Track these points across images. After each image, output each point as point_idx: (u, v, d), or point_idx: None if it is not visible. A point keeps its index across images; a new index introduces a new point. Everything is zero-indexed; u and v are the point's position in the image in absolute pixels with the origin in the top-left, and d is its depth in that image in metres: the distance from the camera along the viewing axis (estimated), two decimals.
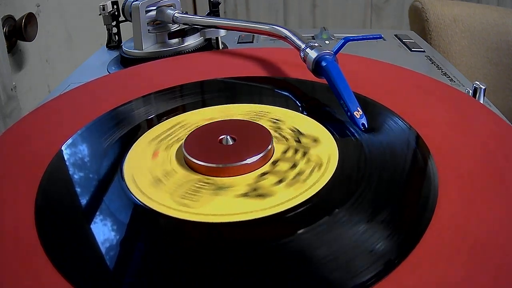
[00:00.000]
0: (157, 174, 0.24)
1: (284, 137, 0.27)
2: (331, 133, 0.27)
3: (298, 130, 0.27)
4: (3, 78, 0.53)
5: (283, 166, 0.24)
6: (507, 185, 0.22)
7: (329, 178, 0.23)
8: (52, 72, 0.68)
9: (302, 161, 0.24)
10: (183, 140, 0.26)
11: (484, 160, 0.24)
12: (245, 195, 0.22)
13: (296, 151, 0.25)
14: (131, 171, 0.25)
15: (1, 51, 0.53)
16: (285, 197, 0.22)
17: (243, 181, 0.23)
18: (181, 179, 0.24)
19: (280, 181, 0.23)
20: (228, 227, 0.20)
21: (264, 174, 0.24)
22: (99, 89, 0.36)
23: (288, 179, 0.23)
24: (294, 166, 0.24)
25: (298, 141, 0.26)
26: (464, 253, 0.18)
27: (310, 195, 0.22)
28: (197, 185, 0.23)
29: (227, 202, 0.22)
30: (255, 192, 0.22)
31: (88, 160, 0.26)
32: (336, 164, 0.24)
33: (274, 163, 0.25)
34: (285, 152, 0.25)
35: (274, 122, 0.29)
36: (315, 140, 0.26)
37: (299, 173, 0.23)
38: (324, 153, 0.25)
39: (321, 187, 0.22)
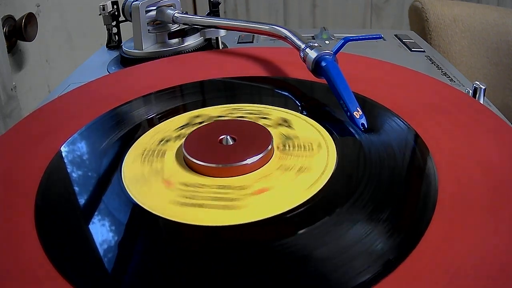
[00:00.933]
0: (159, 178, 0.24)
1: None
2: (330, 133, 0.27)
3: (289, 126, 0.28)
4: (3, 78, 0.53)
5: (284, 161, 0.24)
6: (507, 184, 0.22)
7: (328, 178, 0.23)
8: (52, 72, 0.68)
9: (302, 155, 0.24)
10: (183, 140, 0.26)
11: (484, 160, 0.24)
12: (245, 195, 0.22)
13: (291, 145, 0.25)
14: (130, 172, 0.25)
15: (1, 51, 0.53)
16: (284, 197, 0.22)
17: (240, 182, 0.23)
18: (182, 180, 0.24)
19: (279, 180, 0.23)
20: (228, 228, 0.20)
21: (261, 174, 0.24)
22: (99, 89, 0.36)
23: (288, 177, 0.23)
24: (294, 164, 0.24)
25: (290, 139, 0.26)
26: (464, 253, 0.18)
27: (310, 195, 0.22)
28: (198, 186, 0.23)
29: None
30: (254, 192, 0.22)
31: (88, 160, 0.26)
32: (335, 164, 0.24)
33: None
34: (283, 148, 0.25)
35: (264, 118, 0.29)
36: (313, 141, 0.26)
37: (300, 170, 0.23)
38: (324, 152, 0.25)
39: (320, 187, 0.22)
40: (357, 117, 0.27)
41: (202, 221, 0.21)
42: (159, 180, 0.24)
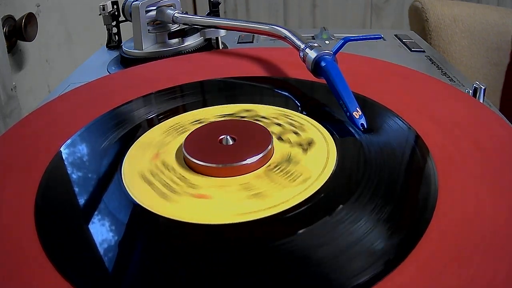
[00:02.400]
0: (158, 176, 0.24)
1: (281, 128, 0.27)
2: (330, 132, 0.27)
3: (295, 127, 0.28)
4: (3, 78, 0.53)
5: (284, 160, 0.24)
6: (507, 184, 0.22)
7: (328, 178, 0.23)
8: (52, 72, 0.68)
9: (303, 157, 0.24)
10: (183, 140, 0.26)
11: (484, 160, 0.24)
12: (244, 195, 0.22)
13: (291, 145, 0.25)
14: (130, 171, 0.25)
15: (1, 51, 0.53)
16: (284, 197, 0.22)
17: (238, 181, 0.23)
18: (184, 180, 0.24)
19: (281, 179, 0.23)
20: (227, 228, 0.20)
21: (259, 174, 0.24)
22: (99, 89, 0.37)
23: (288, 176, 0.23)
24: (294, 163, 0.24)
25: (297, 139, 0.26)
26: (464, 253, 0.18)
27: (310, 195, 0.22)
28: (201, 186, 0.23)
29: (227, 203, 0.22)
30: (253, 192, 0.22)
31: (88, 160, 0.26)
32: (335, 163, 0.24)
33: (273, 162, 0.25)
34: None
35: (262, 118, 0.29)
36: (311, 141, 0.26)
37: (298, 170, 0.23)
38: (323, 151, 0.25)
39: (320, 187, 0.22)
40: (357, 117, 0.27)
41: (202, 220, 0.21)
42: (159, 179, 0.24)
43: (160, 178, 0.24)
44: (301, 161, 0.24)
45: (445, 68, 0.44)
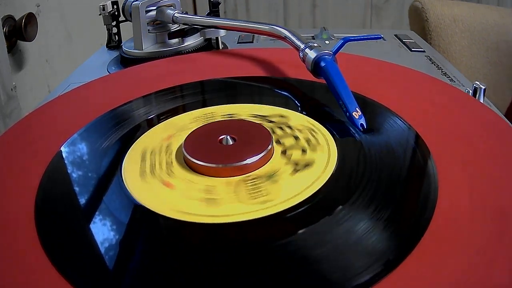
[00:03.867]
0: (158, 176, 0.24)
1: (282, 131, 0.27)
2: (330, 133, 0.27)
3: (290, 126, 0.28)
4: (3, 78, 0.53)
5: (284, 160, 0.24)
6: (507, 184, 0.22)
7: (328, 178, 0.23)
8: (52, 72, 0.68)
9: (303, 156, 0.24)
10: (183, 140, 0.26)
11: (484, 159, 0.24)
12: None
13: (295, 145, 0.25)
14: (131, 171, 0.25)
15: (1, 51, 0.53)
16: (283, 198, 0.22)
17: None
18: (182, 180, 0.24)
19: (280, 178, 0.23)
20: (228, 227, 0.20)
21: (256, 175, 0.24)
22: (99, 89, 0.37)
23: (288, 176, 0.23)
24: (295, 162, 0.24)
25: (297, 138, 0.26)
26: (464, 253, 0.18)
27: (310, 195, 0.22)
28: (200, 186, 0.23)
29: (227, 203, 0.22)
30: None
31: (88, 160, 0.26)
32: (335, 164, 0.24)
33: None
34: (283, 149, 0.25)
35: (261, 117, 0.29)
36: (312, 138, 0.26)
37: (299, 170, 0.23)
38: (324, 152, 0.25)
39: (320, 187, 0.22)
40: (356, 117, 0.27)
41: (202, 220, 0.21)
42: (159, 179, 0.24)
43: (154, 158, 0.24)
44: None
45: (445, 68, 0.44)
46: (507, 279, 0.17)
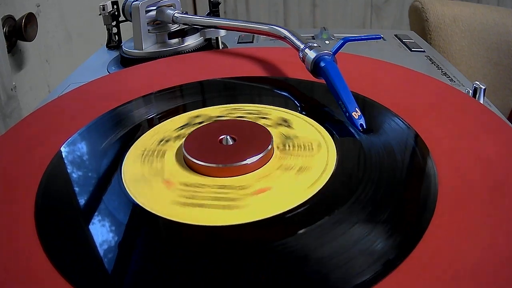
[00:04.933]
0: (159, 178, 0.24)
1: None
2: (330, 133, 0.27)
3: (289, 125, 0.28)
4: (3, 78, 0.53)
5: (284, 161, 0.24)
6: (507, 184, 0.22)
7: (328, 178, 0.23)
8: (52, 72, 0.68)
9: (302, 155, 0.24)
10: (183, 140, 0.26)
11: (483, 159, 0.24)
12: (245, 195, 0.22)
13: (291, 145, 0.25)
14: (130, 172, 0.25)
15: (1, 51, 0.53)
16: (284, 197, 0.22)
17: (240, 182, 0.23)
18: (182, 180, 0.24)
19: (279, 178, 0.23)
20: (227, 228, 0.20)
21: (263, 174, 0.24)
22: (99, 89, 0.37)
23: (288, 177, 0.23)
24: (296, 162, 0.24)
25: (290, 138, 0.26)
26: (464, 253, 0.18)
27: (310, 195, 0.22)
28: (198, 186, 0.23)
29: (227, 203, 0.22)
30: (254, 192, 0.22)
31: (88, 160, 0.26)
32: (335, 164, 0.24)
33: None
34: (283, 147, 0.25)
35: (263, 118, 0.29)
36: (313, 143, 0.26)
37: (300, 170, 0.23)
38: (324, 152, 0.25)
39: (320, 187, 0.22)
40: (356, 117, 0.27)
41: (202, 221, 0.21)
42: (159, 180, 0.24)
43: (154, 158, 0.25)
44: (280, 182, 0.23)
45: (445, 68, 0.44)
46: (507, 278, 0.17)
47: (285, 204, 0.21)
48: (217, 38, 0.48)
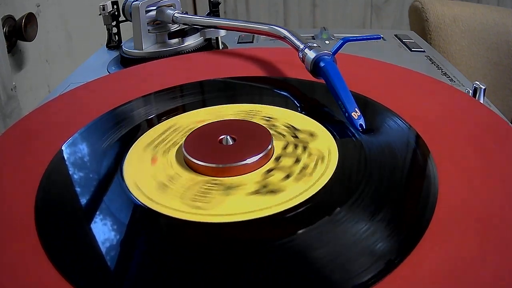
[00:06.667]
0: (161, 179, 0.24)
1: (280, 133, 0.27)
2: (330, 133, 0.27)
3: (293, 126, 0.28)
4: (3, 78, 0.53)
5: (286, 162, 0.24)
6: (507, 184, 0.22)
7: (328, 178, 0.23)
8: (52, 72, 0.68)
9: (304, 156, 0.24)
10: (183, 141, 0.26)
11: (483, 159, 0.24)
12: (256, 192, 0.22)
13: (296, 146, 0.25)
14: (131, 171, 0.25)
15: (1, 51, 0.53)
16: (284, 198, 0.22)
17: (250, 180, 0.23)
18: (187, 182, 0.24)
19: (286, 177, 0.23)
20: (228, 226, 0.20)
21: (269, 171, 0.24)
22: (99, 89, 0.37)
23: (295, 174, 0.23)
24: (297, 161, 0.24)
25: (296, 137, 0.26)
26: (464, 253, 0.18)
27: (310, 195, 0.22)
28: (205, 187, 0.23)
29: (238, 201, 0.22)
30: (266, 189, 0.22)
31: (88, 160, 0.26)
32: (336, 164, 0.24)
33: (277, 159, 0.25)
34: (285, 148, 0.25)
35: (268, 120, 0.29)
36: (312, 135, 0.26)
37: (304, 168, 0.23)
38: (324, 148, 0.25)
39: (321, 187, 0.22)
40: (355, 117, 0.27)
41: (198, 219, 0.21)
42: (159, 179, 0.24)
43: (161, 176, 0.24)
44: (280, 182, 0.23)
45: (445, 68, 0.44)
46: (507, 278, 0.17)
47: (285, 204, 0.21)
48: (217, 38, 0.48)
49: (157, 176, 0.24)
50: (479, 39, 0.70)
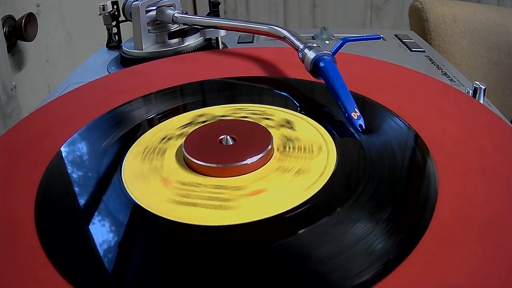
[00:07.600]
0: (157, 176, 0.24)
1: (280, 133, 0.27)
2: (330, 133, 0.27)
3: (293, 127, 0.28)
4: (3, 78, 0.53)
5: (286, 162, 0.24)
6: (507, 184, 0.22)
7: (328, 178, 0.23)
8: (52, 72, 0.68)
9: (304, 156, 0.24)
10: (183, 140, 0.26)
11: (483, 159, 0.24)
12: (256, 192, 0.22)
13: (295, 146, 0.25)
14: (130, 170, 0.25)
15: (1, 51, 0.53)
16: (284, 198, 0.22)
17: (250, 180, 0.23)
18: (180, 179, 0.24)
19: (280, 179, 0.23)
20: (227, 228, 0.20)
21: (269, 171, 0.24)
22: (99, 89, 0.37)
23: (287, 178, 0.23)
24: (297, 161, 0.24)
25: (295, 137, 0.26)
26: (464, 253, 0.18)
27: (309, 196, 0.22)
28: (205, 187, 0.23)
29: (237, 201, 0.22)
30: (250, 192, 0.22)
31: (88, 160, 0.26)
32: (335, 164, 0.24)
33: (277, 159, 0.25)
34: (285, 148, 0.25)
35: (267, 120, 0.29)
36: (311, 135, 0.26)
37: (303, 168, 0.23)
38: (323, 148, 0.25)
39: (320, 187, 0.22)
40: (355, 118, 0.27)
41: (197, 221, 0.21)
42: (157, 178, 0.24)
43: (154, 158, 0.24)
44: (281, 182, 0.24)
45: (445, 68, 0.44)
46: (507, 278, 0.17)
47: (285, 204, 0.21)
48: (217, 38, 0.48)
49: (157, 176, 0.24)
50: (479, 39, 0.70)
